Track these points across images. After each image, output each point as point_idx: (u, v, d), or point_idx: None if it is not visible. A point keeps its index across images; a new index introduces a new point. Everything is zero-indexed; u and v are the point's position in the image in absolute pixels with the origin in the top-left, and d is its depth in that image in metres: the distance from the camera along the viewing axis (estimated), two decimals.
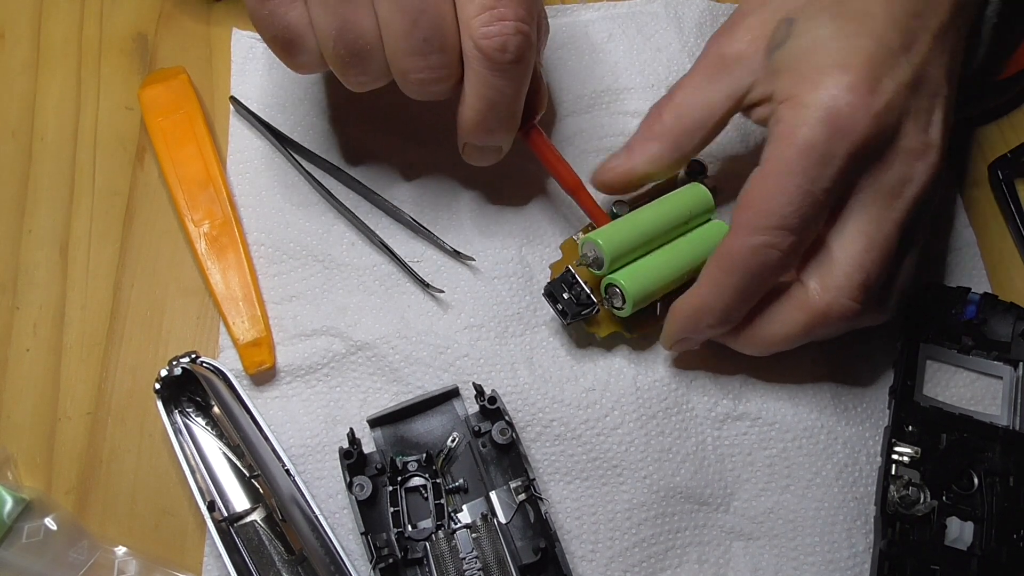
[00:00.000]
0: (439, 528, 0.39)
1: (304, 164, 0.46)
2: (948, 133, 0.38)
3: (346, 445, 0.39)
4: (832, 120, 0.35)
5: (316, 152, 0.46)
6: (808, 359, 0.43)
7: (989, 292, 0.43)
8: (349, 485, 0.38)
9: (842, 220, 0.37)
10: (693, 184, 0.42)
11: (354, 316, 0.44)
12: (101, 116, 0.49)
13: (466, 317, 0.43)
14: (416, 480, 0.40)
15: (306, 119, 0.48)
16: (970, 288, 0.43)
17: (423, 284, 0.44)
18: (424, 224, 0.45)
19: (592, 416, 0.42)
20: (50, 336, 0.44)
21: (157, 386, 0.40)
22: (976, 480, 0.40)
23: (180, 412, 0.41)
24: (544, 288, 0.42)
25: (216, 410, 0.41)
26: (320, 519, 0.38)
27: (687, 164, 0.42)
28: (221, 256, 0.44)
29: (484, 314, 0.44)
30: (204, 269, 0.44)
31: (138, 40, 0.50)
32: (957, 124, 0.49)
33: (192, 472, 0.39)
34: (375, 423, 0.41)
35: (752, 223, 0.36)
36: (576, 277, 0.41)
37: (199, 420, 0.41)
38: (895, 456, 0.40)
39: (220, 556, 0.37)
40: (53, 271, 0.45)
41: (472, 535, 0.39)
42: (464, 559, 0.38)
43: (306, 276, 0.45)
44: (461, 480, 0.40)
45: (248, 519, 0.40)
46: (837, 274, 0.37)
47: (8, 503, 0.40)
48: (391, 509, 0.39)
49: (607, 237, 0.39)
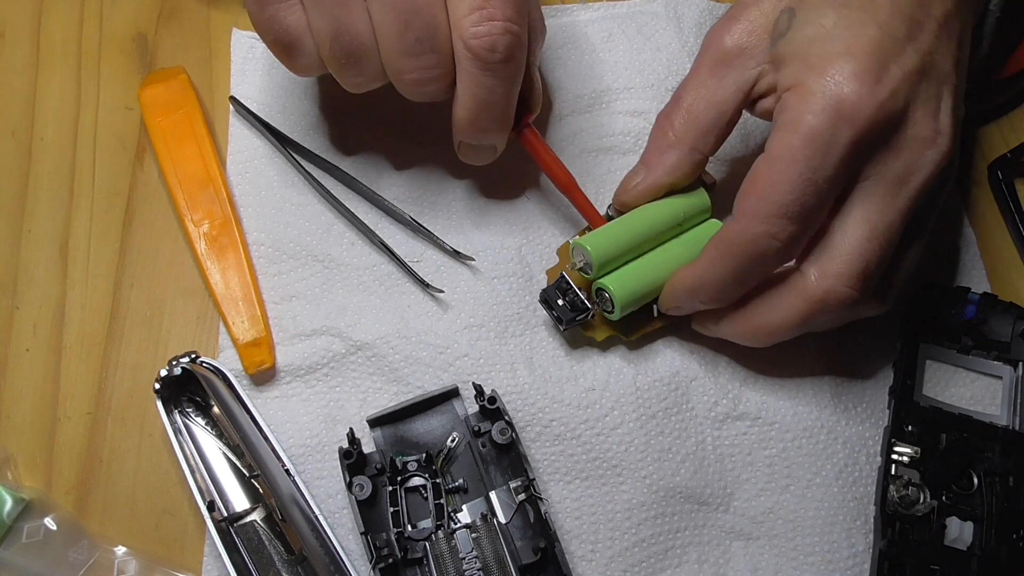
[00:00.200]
0: (439, 528, 0.39)
1: (304, 164, 0.46)
2: (958, 122, 0.38)
3: (346, 445, 0.39)
4: (837, 108, 0.35)
5: (316, 152, 0.46)
6: (808, 358, 0.43)
7: (989, 292, 0.43)
8: (349, 485, 0.38)
9: (846, 207, 0.37)
10: (690, 186, 0.42)
11: (354, 316, 0.44)
12: (101, 116, 0.49)
13: (466, 317, 0.44)
14: (416, 480, 0.40)
15: (306, 119, 0.48)
16: (970, 288, 0.43)
17: (423, 284, 0.44)
18: (424, 224, 0.45)
19: (592, 416, 0.42)
20: (50, 336, 0.44)
21: (157, 386, 0.40)
22: (976, 480, 0.40)
23: (180, 412, 0.41)
24: (540, 294, 0.42)
25: (216, 410, 0.41)
26: (320, 519, 0.38)
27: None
28: (221, 256, 0.44)
29: (484, 314, 0.44)
30: (204, 269, 0.44)
31: (138, 40, 0.50)
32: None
33: (192, 472, 0.39)
34: (375, 423, 0.41)
35: (753, 210, 0.36)
36: (570, 283, 0.41)
37: (199, 420, 0.41)
38: (895, 456, 0.40)
39: (220, 556, 0.38)
40: (53, 271, 0.45)
41: (472, 535, 0.39)
42: (464, 559, 0.38)
43: (306, 276, 0.45)
44: (461, 480, 0.40)
45: (248, 519, 0.40)
46: (836, 261, 0.37)
47: (8, 503, 0.40)
48: (391, 509, 0.39)
49: (595, 242, 0.39)
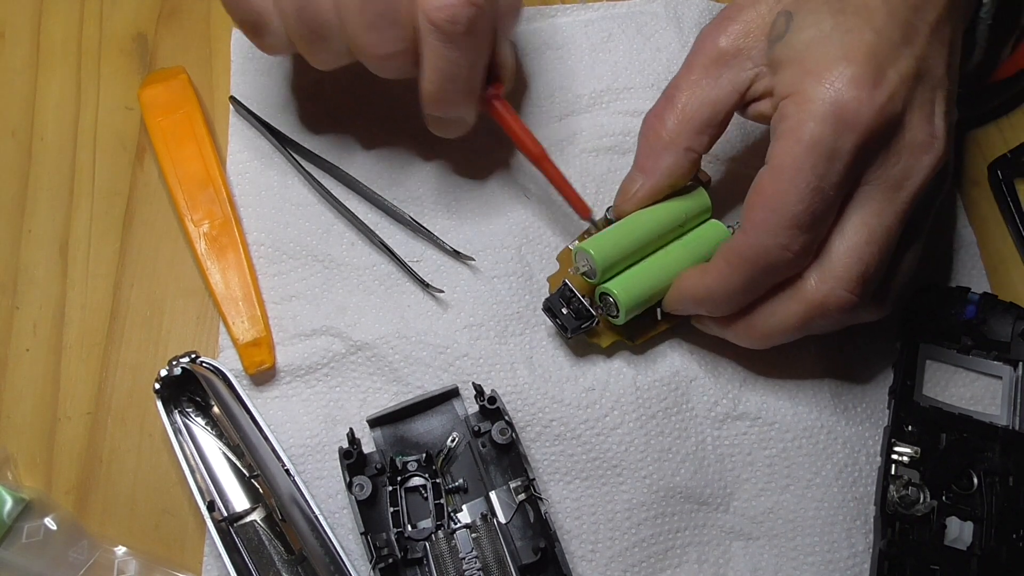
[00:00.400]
0: (439, 528, 0.39)
1: (304, 164, 0.46)
2: (951, 126, 0.38)
3: (346, 445, 0.39)
4: (838, 114, 0.35)
5: (316, 152, 0.46)
6: (808, 359, 0.43)
7: (989, 292, 0.43)
8: (349, 485, 0.38)
9: (844, 213, 0.37)
10: (691, 185, 0.42)
11: (354, 316, 0.44)
12: (101, 116, 0.49)
13: (465, 316, 0.44)
14: (416, 480, 0.40)
15: (306, 119, 0.48)
16: (970, 288, 0.43)
17: (423, 284, 0.44)
18: (424, 224, 0.45)
19: (592, 416, 0.42)
20: (50, 336, 0.44)
21: (157, 386, 0.40)
22: (976, 480, 0.40)
23: (180, 412, 0.41)
24: (543, 303, 0.41)
25: (216, 410, 0.41)
26: (320, 519, 0.38)
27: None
28: (221, 256, 0.44)
29: (484, 313, 0.44)
30: (204, 269, 0.44)
31: (138, 40, 0.50)
32: (957, 124, 0.49)
33: (192, 472, 0.39)
34: (375, 423, 0.41)
35: (763, 223, 0.36)
36: (573, 291, 0.41)
37: (199, 420, 0.41)
38: (895, 456, 0.40)
39: (220, 556, 0.38)
40: (53, 271, 0.45)
41: (472, 535, 0.39)
42: (464, 559, 0.38)
43: (306, 276, 0.45)
44: (461, 480, 0.40)
45: (248, 519, 0.40)
46: (836, 265, 0.37)
47: (8, 503, 0.40)
48: (391, 509, 0.39)
49: (598, 246, 0.39)
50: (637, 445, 0.41)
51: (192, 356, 0.41)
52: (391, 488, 0.39)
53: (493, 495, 0.40)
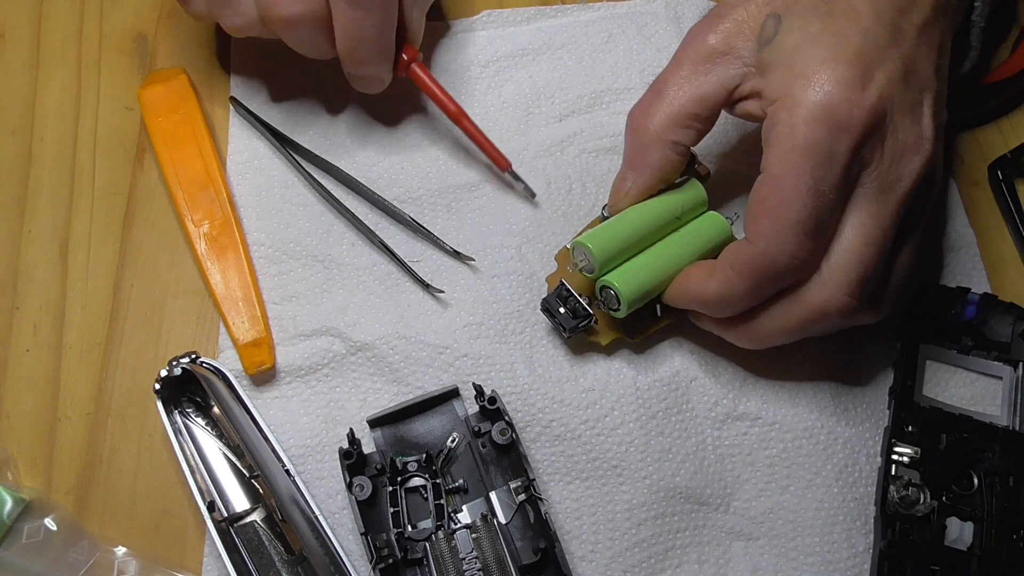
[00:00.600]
0: (439, 528, 0.39)
1: (304, 164, 0.46)
2: (941, 127, 0.38)
3: (346, 445, 0.39)
4: (830, 117, 0.35)
5: (316, 152, 0.46)
6: (808, 359, 0.43)
7: (989, 292, 0.43)
8: (349, 485, 0.38)
9: (842, 216, 0.37)
10: (685, 178, 0.42)
11: (354, 316, 0.44)
12: (101, 116, 0.49)
13: (465, 316, 0.43)
14: (416, 480, 0.40)
15: (306, 119, 0.48)
16: (970, 288, 0.43)
17: (423, 284, 0.44)
18: (424, 224, 0.45)
19: (592, 416, 0.42)
20: (50, 336, 0.44)
21: (157, 386, 0.40)
22: (976, 480, 0.40)
23: (180, 412, 0.41)
24: (541, 304, 0.41)
25: (216, 410, 0.41)
26: (320, 519, 0.38)
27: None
28: (221, 256, 0.44)
29: (484, 313, 0.44)
30: (204, 269, 0.44)
31: (138, 40, 0.50)
32: (957, 125, 0.49)
33: (192, 472, 0.39)
34: (375, 423, 0.41)
35: (769, 232, 0.36)
36: (570, 290, 0.41)
37: (199, 420, 0.41)
38: (895, 456, 0.40)
39: (220, 556, 0.38)
40: (53, 271, 0.45)
41: (472, 535, 0.39)
42: (464, 559, 0.38)
43: (306, 276, 0.45)
44: (461, 480, 0.40)
45: (248, 519, 0.40)
46: (835, 269, 0.37)
47: (8, 503, 0.40)
48: (391, 509, 0.39)
49: (596, 239, 0.39)
50: (637, 445, 0.41)
51: (192, 356, 0.41)
52: (391, 488, 0.39)
53: (493, 495, 0.40)
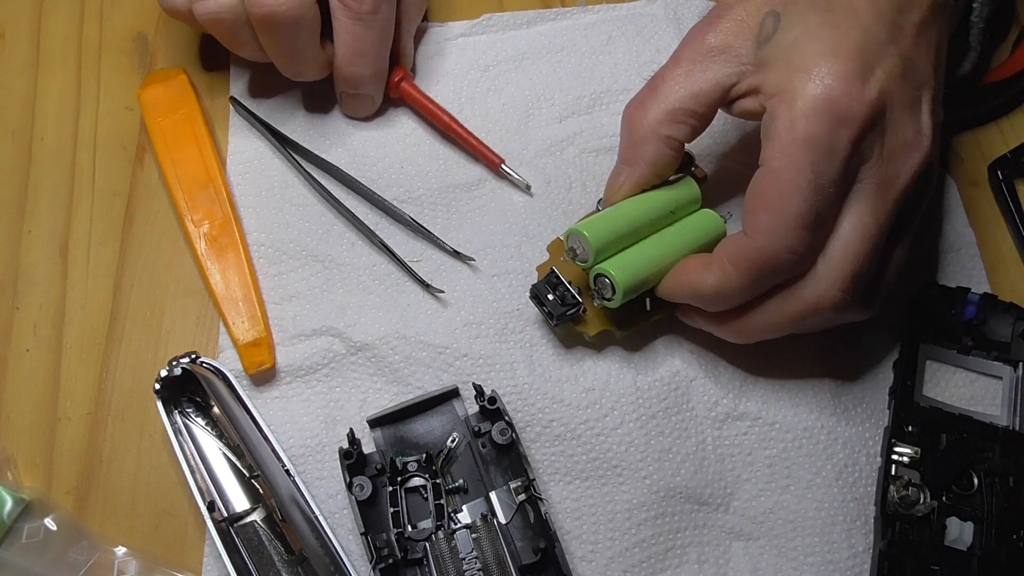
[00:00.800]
0: (439, 528, 0.39)
1: (304, 164, 0.46)
2: (938, 125, 0.38)
3: (346, 445, 0.39)
4: (830, 110, 0.35)
5: (316, 152, 0.46)
6: (809, 359, 0.43)
7: (989, 292, 0.43)
8: (349, 485, 0.38)
9: (840, 212, 0.37)
10: (680, 176, 0.42)
11: (354, 316, 0.44)
12: (101, 116, 0.49)
13: (465, 315, 0.44)
14: (416, 480, 0.40)
15: (306, 119, 0.48)
16: (970, 288, 0.43)
17: (423, 284, 0.44)
18: (424, 224, 0.45)
19: (592, 416, 0.42)
20: (50, 336, 0.44)
21: (157, 386, 0.40)
22: (976, 480, 0.40)
23: (180, 412, 0.41)
24: (529, 289, 0.41)
25: (216, 410, 0.41)
26: (320, 519, 0.38)
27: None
28: (221, 256, 0.44)
29: (484, 311, 0.44)
30: (204, 269, 0.44)
31: (138, 40, 0.50)
32: (957, 125, 0.49)
33: (192, 472, 0.39)
34: (375, 423, 0.41)
35: (768, 227, 0.36)
36: (560, 277, 0.41)
37: (199, 420, 0.41)
38: (895, 456, 0.40)
39: (220, 556, 0.37)
40: (53, 271, 0.45)
41: (472, 535, 0.39)
42: (464, 559, 0.38)
43: (306, 276, 0.45)
44: (461, 480, 0.40)
45: (248, 519, 0.40)
46: (830, 264, 0.37)
47: (8, 503, 0.40)
48: (391, 509, 0.39)
49: (591, 227, 0.39)
50: (637, 445, 0.41)
51: (192, 356, 0.41)
52: (391, 488, 0.39)
53: (493, 495, 0.40)
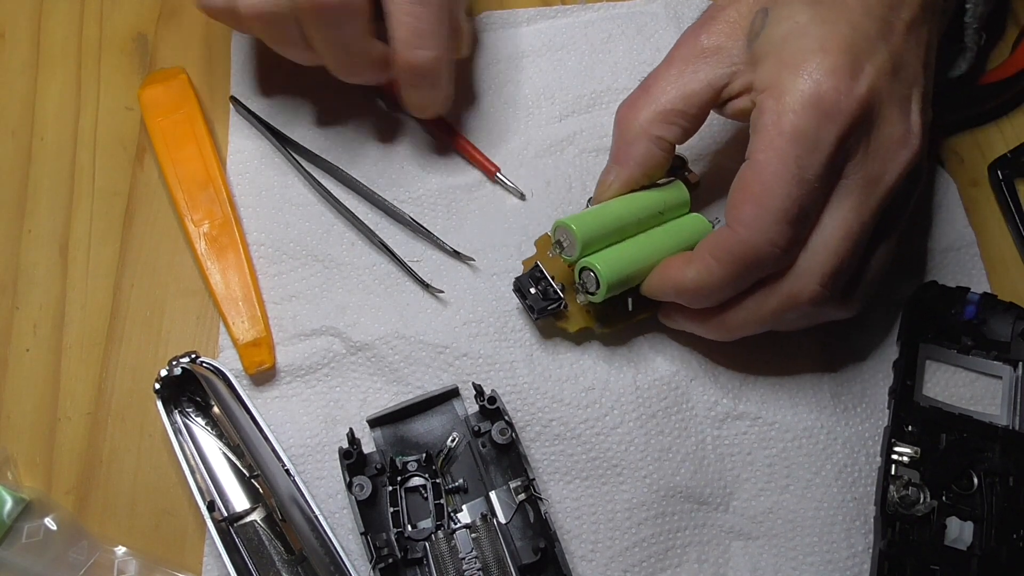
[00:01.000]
0: (439, 528, 0.39)
1: (304, 164, 0.46)
2: (927, 124, 0.38)
3: (346, 445, 0.39)
4: (818, 104, 0.35)
5: (316, 152, 0.46)
6: (808, 358, 0.43)
7: (989, 292, 0.43)
8: (349, 485, 0.38)
9: (824, 207, 0.37)
10: (670, 180, 0.42)
11: (354, 316, 0.44)
12: (101, 116, 0.49)
13: (465, 315, 0.44)
14: (416, 480, 0.40)
15: (306, 119, 0.48)
16: (970, 288, 0.43)
17: (423, 284, 0.44)
18: (424, 224, 0.45)
19: (592, 415, 0.42)
20: (50, 336, 0.44)
21: (157, 386, 0.40)
22: (976, 480, 0.40)
23: (180, 412, 0.41)
24: (513, 283, 0.41)
25: (216, 410, 0.41)
26: (320, 519, 0.38)
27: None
28: (221, 256, 0.44)
29: (483, 311, 0.44)
30: (204, 269, 0.44)
31: (138, 40, 0.50)
32: (956, 125, 0.49)
33: (192, 472, 0.39)
34: (375, 423, 0.41)
35: (751, 220, 0.36)
36: (544, 272, 0.41)
37: (199, 420, 0.41)
38: (895, 456, 0.40)
39: (220, 556, 0.38)
40: (53, 271, 0.45)
41: (472, 535, 0.39)
42: (464, 559, 0.38)
43: (306, 276, 0.45)
44: (461, 480, 0.40)
45: (248, 519, 0.40)
46: (811, 259, 0.37)
47: (8, 503, 0.40)
48: (391, 509, 0.39)
49: (579, 221, 0.39)
50: (637, 445, 0.41)
51: (192, 356, 0.41)
52: (391, 488, 0.39)
53: (493, 495, 0.40)
